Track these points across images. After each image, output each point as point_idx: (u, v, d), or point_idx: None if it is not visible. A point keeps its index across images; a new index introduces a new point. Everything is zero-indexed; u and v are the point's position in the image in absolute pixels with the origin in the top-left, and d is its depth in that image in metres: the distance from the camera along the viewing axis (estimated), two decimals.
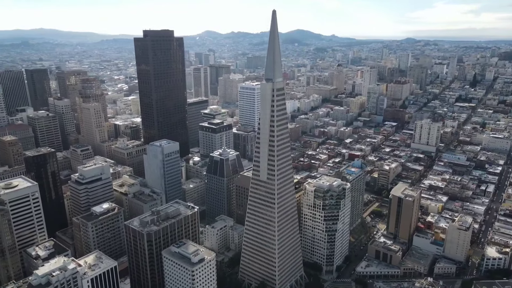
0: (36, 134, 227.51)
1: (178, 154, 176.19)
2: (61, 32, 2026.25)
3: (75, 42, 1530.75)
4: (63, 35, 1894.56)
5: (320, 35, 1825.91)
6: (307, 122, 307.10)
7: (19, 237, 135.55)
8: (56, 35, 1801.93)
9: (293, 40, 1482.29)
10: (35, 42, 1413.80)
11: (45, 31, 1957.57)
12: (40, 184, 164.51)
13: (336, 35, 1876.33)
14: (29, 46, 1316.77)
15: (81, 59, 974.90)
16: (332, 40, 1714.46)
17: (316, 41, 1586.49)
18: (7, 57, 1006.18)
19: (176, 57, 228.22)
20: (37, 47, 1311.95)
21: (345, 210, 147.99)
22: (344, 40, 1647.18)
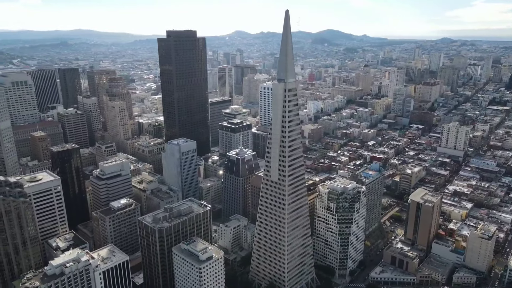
0: (65, 131, 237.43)
1: (195, 153, 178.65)
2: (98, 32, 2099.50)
3: (110, 43, 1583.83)
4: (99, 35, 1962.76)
5: (351, 35, 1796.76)
6: (329, 123, 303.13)
7: (41, 229, 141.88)
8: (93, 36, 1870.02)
9: (323, 40, 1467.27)
10: (73, 42, 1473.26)
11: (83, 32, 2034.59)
12: (64, 178, 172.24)
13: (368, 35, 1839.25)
14: (67, 46, 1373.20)
15: (115, 58, 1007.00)
16: (363, 40, 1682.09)
17: (346, 41, 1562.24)
18: (46, 56, 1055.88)
19: (198, 57, 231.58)
20: (74, 47, 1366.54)
21: (360, 213, 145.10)
22: (376, 40, 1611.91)
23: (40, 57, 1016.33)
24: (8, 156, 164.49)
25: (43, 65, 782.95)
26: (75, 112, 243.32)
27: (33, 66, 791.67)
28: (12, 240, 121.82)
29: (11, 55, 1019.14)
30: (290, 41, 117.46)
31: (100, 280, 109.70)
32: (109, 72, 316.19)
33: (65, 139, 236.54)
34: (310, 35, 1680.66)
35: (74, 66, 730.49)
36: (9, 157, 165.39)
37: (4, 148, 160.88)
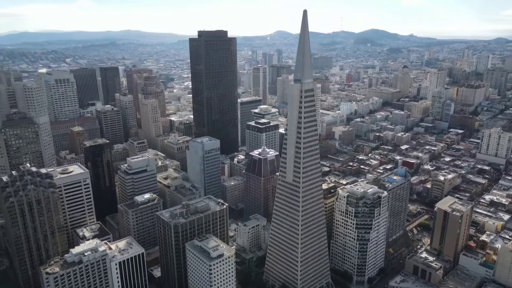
0: (102, 126, 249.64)
1: (218, 152, 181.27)
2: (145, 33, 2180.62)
3: (155, 42, 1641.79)
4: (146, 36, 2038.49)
5: (397, 35, 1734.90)
6: (362, 126, 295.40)
7: (71, 218, 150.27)
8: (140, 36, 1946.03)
9: (366, 40, 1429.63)
10: (121, 42, 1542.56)
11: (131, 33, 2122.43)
12: (95, 172, 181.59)
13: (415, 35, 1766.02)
14: (116, 46, 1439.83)
15: (158, 58, 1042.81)
16: (410, 40, 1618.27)
17: (391, 41, 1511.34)
18: (96, 56, 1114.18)
19: (228, 57, 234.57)
20: (122, 47, 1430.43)
21: (380, 219, 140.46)
22: (423, 40, 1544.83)
23: (91, 56, 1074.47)
24: (46, 149, 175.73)
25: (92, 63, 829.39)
26: (112, 109, 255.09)
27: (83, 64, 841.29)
28: (41, 227, 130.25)
29: (65, 54, 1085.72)
30: (308, 41, 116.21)
31: (116, 270, 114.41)
32: (146, 71, 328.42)
33: (102, 135, 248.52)
34: (353, 35, 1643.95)
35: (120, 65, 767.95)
36: (47, 150, 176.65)
37: (42, 141, 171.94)
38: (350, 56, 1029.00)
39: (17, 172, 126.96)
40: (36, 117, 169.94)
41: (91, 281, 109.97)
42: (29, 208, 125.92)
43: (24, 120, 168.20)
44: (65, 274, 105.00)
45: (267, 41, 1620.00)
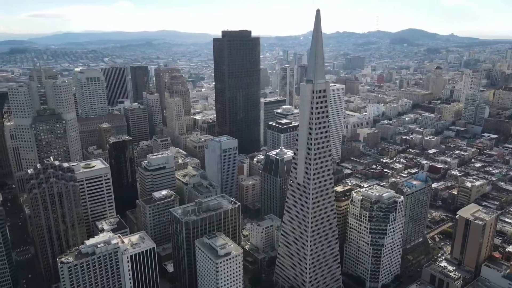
0: (129, 124, 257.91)
1: (236, 151, 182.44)
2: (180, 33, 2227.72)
3: (189, 42, 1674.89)
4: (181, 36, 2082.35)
5: (436, 35, 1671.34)
6: (388, 128, 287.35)
7: (92, 211, 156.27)
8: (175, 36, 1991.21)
9: (402, 40, 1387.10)
10: (156, 42, 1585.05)
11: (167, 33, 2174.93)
12: (118, 167, 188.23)
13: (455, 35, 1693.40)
14: (152, 46, 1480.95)
15: (191, 57, 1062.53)
16: (449, 40, 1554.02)
17: (429, 41, 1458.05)
18: (132, 55, 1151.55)
19: (251, 57, 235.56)
20: (157, 47, 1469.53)
21: (396, 225, 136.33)
22: (464, 40, 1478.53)
23: (127, 56, 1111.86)
24: (73, 144, 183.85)
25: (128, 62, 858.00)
26: (139, 107, 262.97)
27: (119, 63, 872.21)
28: (62, 219, 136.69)
29: (103, 53, 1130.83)
30: (321, 42, 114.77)
31: (127, 263, 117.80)
32: (174, 71, 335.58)
33: (128, 132, 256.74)
34: (388, 34, 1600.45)
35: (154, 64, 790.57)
36: (73, 145, 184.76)
37: (69, 136, 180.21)
38: (384, 57, 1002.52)
39: (41, 165, 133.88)
40: (64, 113, 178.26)
41: (103, 272, 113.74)
42: (51, 200, 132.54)
43: (53, 116, 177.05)
44: (78, 264, 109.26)
45: (300, 41, 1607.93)
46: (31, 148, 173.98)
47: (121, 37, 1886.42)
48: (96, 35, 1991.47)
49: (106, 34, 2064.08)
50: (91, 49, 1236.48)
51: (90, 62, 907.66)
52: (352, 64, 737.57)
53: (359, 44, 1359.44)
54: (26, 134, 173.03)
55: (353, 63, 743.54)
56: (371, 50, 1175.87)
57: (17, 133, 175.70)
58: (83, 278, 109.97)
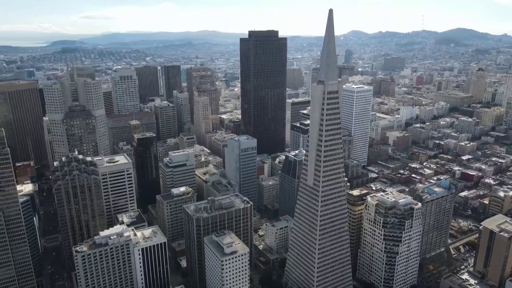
0: (158, 121, 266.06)
1: (255, 151, 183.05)
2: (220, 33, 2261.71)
3: (229, 42, 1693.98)
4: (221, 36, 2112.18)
5: (487, 35, 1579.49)
6: (421, 132, 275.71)
7: (114, 204, 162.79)
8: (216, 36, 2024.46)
9: (449, 40, 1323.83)
10: (197, 42, 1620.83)
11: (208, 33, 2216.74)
12: (142, 163, 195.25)
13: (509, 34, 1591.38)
14: (192, 46, 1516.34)
15: (229, 57, 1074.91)
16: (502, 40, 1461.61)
17: (479, 41, 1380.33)
18: (173, 55, 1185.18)
19: (278, 57, 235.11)
20: (197, 46, 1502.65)
21: (413, 232, 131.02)
22: None
23: (168, 55, 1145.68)
24: (101, 139, 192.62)
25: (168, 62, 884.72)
26: (168, 105, 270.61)
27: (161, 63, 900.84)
28: (84, 210, 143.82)
29: (145, 53, 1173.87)
30: (333, 42, 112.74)
31: (139, 256, 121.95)
32: (205, 70, 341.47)
33: (157, 129, 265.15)
34: (434, 34, 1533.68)
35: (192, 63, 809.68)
36: (102, 140, 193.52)
37: (97, 132, 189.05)
38: (428, 57, 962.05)
39: (66, 158, 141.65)
40: (93, 110, 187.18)
41: (115, 262, 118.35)
42: (73, 191, 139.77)
43: (83, 112, 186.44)
44: (92, 253, 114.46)
45: (340, 41, 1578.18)
46: (62, 142, 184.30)
47: (164, 37, 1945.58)
48: (141, 35, 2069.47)
49: (150, 35, 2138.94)
50: (135, 48, 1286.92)
51: (133, 61, 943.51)
52: (391, 65, 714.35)
53: (402, 44, 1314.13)
54: (59, 129, 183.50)
55: (392, 64, 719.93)
56: (414, 51, 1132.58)
57: (51, 127, 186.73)
58: (96, 267, 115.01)
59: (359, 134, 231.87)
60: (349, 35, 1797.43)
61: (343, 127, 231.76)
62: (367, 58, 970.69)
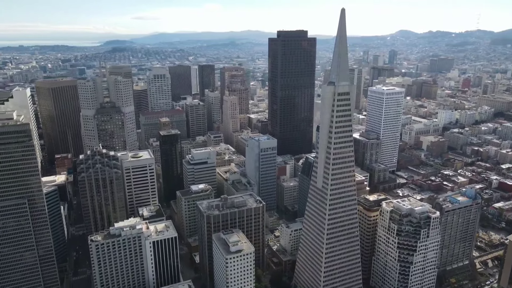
0: (188, 119, 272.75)
1: (275, 151, 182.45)
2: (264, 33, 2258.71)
3: None
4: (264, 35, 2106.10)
5: None
6: (458, 137, 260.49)
7: (136, 197, 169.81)
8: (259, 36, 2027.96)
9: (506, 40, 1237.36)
10: (240, 42, 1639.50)
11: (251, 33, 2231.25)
12: (166, 159, 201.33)
13: None
14: (235, 46, 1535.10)
15: None
16: None
17: None
18: (215, 54, 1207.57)
19: (306, 57, 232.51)
20: (240, 46, 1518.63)
21: (429, 242, 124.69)
22: None
23: (210, 55, 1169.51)
24: (129, 135, 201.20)
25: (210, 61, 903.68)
26: (198, 104, 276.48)
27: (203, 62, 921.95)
28: (105, 201, 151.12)
29: (189, 52, 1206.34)
30: (345, 42, 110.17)
31: (150, 248, 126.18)
32: (237, 69, 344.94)
33: (188, 127, 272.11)
34: (490, 34, 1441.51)
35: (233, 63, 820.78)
36: (130, 136, 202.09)
37: (126, 128, 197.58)
38: (481, 59, 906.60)
39: (90, 152, 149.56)
40: (123, 106, 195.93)
41: (127, 253, 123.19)
42: (96, 184, 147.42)
43: (113, 109, 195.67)
44: (105, 243, 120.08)
45: (387, 41, 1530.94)
46: (93, 136, 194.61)
47: (209, 37, 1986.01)
48: (187, 35, 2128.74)
49: (196, 35, 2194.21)
50: (180, 48, 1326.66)
51: (176, 60, 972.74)
52: (438, 66, 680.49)
53: (453, 44, 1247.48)
54: (90, 124, 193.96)
55: (439, 65, 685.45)
56: (466, 51, 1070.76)
57: (84, 122, 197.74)
58: (109, 256, 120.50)
59: (388, 137, 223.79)
60: (397, 35, 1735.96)
61: (371, 130, 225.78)
62: (413, 59, 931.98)
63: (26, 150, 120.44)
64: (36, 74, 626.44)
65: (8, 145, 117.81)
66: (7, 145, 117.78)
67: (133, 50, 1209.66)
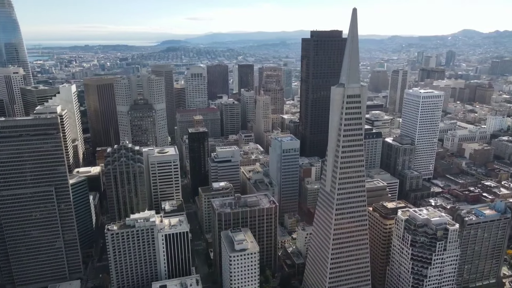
0: (222, 117, 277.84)
1: (298, 152, 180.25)
2: None
3: None
4: None
5: None
6: (507, 146, 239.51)
7: (161, 191, 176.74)
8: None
9: None
10: (290, 42, 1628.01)
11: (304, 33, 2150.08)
12: (194, 156, 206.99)
13: None
14: (286, 45, 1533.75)
15: None
16: None
17: None
18: (265, 54, 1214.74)
19: (339, 58, 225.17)
20: (291, 46, 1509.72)
21: (446, 256, 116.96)
22: None
23: (260, 54, 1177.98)
24: (160, 131, 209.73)
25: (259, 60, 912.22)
26: (233, 103, 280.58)
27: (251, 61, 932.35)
28: (128, 193, 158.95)
29: (239, 52, 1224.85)
30: (356, 43, 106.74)
31: (162, 241, 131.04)
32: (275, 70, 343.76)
33: (221, 125, 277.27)
34: None
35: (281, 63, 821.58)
36: (161, 132, 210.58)
37: (157, 124, 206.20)
38: None
39: (117, 146, 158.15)
40: (155, 104, 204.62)
41: (140, 244, 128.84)
42: (120, 176, 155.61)
43: (145, 106, 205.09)
44: (120, 233, 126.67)
45: (447, 41, 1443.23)
46: (127, 132, 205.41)
47: (261, 37, 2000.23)
48: (239, 35, 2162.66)
49: (248, 34, 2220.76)
50: (230, 48, 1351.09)
51: (225, 60, 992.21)
52: (500, 69, 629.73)
53: None
54: (124, 119, 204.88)
55: (502, 68, 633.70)
56: None
57: (119, 118, 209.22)
58: (123, 245, 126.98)
59: (424, 143, 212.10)
60: (459, 35, 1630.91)
61: (406, 135, 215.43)
62: (474, 60, 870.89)
63: (54, 142, 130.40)
64: (95, 72, 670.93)
65: (37, 136, 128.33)
66: (37, 136, 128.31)
67: (185, 50, 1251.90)
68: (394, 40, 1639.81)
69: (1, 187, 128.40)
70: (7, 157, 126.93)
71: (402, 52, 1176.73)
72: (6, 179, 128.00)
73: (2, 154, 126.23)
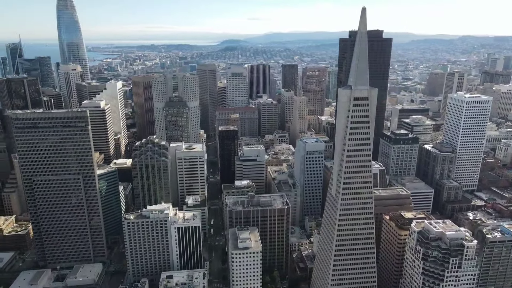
0: (260, 117, 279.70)
1: (322, 154, 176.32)
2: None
3: None
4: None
5: None
6: None
7: (187, 186, 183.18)
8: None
9: None
10: None
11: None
12: (223, 153, 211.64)
13: None
14: None
15: None
16: None
17: None
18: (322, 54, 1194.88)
19: (379, 59, 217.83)
20: None
21: (461, 274, 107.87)
22: None
23: (317, 55, 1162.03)
24: (192, 128, 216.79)
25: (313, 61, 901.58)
26: (271, 103, 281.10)
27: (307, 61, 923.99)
28: (153, 185, 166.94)
29: (295, 52, 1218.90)
30: (364, 43, 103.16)
31: (174, 233, 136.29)
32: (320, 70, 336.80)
33: (259, 124, 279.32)
34: None
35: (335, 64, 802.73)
36: (193, 129, 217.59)
37: (190, 121, 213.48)
38: None
39: (144, 140, 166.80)
40: (188, 101, 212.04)
41: (154, 234, 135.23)
42: (146, 169, 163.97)
43: (180, 103, 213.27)
44: (135, 222, 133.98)
45: None
46: (161, 127, 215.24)
47: (320, 36, 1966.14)
48: (298, 35, 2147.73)
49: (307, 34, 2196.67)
50: (287, 47, 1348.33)
51: (281, 59, 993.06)
52: None
53: None
54: (160, 115, 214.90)
55: None
56: None
57: (155, 114, 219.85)
58: (138, 234, 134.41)
59: (467, 152, 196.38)
60: None
61: (447, 142, 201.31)
62: None
63: (82, 134, 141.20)
64: (155, 70, 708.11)
65: (68, 128, 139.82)
66: (68, 128, 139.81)
67: (243, 49, 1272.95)
68: (465, 41, 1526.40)
69: (37, 172, 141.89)
70: (43, 145, 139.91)
71: (473, 54, 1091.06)
72: (41, 165, 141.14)
73: (38, 142, 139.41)
